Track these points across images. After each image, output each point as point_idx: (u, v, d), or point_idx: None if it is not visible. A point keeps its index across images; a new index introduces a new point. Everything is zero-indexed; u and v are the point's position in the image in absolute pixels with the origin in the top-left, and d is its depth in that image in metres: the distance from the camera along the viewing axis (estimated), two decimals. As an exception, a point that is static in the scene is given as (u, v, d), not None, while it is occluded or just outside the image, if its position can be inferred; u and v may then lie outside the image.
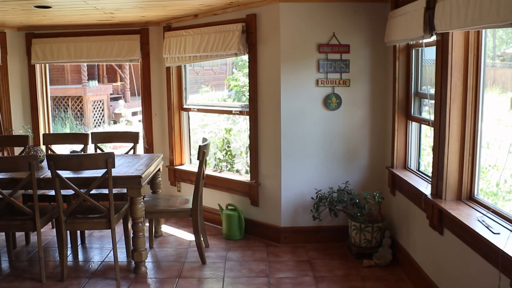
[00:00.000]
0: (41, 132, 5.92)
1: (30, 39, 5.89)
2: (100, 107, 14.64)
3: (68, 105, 13.91)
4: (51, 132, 6.23)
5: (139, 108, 15.62)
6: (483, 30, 3.04)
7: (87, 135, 5.18)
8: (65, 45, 5.80)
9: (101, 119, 14.43)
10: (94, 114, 14.28)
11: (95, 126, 14.12)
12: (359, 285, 3.85)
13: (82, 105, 13.74)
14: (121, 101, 15.59)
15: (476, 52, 3.12)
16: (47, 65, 6.16)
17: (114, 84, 16.82)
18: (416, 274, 3.79)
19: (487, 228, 2.67)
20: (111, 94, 15.65)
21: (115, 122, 14.62)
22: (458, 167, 3.23)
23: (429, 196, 3.41)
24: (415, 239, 3.88)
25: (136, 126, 13.39)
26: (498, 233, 2.57)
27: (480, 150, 3.18)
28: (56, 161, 3.70)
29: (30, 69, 5.94)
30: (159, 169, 4.87)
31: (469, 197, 3.23)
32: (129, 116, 14.74)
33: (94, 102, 14.32)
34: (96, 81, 15.18)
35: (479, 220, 2.80)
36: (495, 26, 2.43)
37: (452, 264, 3.16)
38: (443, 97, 3.24)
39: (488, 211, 2.93)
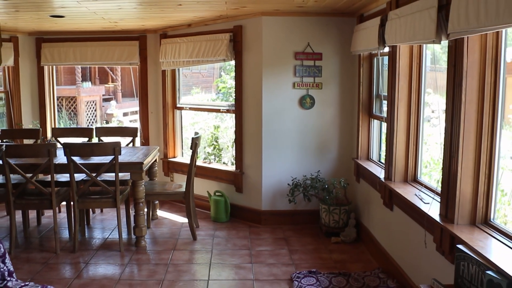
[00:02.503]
0: (48, 126, 6.54)
1: (40, 43, 6.50)
2: (93, 108, 15.17)
3: (62, 105, 14.39)
4: (56, 127, 6.84)
5: (130, 109, 16.25)
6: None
7: (92, 129, 5.82)
8: (72, 49, 6.43)
9: (94, 119, 14.96)
10: (88, 114, 14.81)
11: (87, 126, 14.64)
12: (326, 257, 4.53)
13: (76, 105, 14.26)
14: (113, 102, 16.12)
15: (418, 61, 3.84)
16: (54, 67, 6.78)
17: (106, 85, 17.35)
18: (374, 247, 4.49)
19: (421, 200, 3.38)
20: (103, 95, 16.18)
21: (107, 122, 15.15)
22: (404, 154, 3.94)
23: (382, 179, 4.12)
24: (374, 217, 4.59)
25: (128, 126, 13.96)
26: (428, 203, 3.28)
27: (422, 141, 3.89)
28: (72, 149, 4.34)
29: (39, 71, 6.56)
30: (155, 160, 5.52)
31: (413, 179, 3.94)
32: (121, 116, 15.29)
33: (87, 103, 14.84)
34: (90, 83, 15.70)
35: (416, 195, 3.51)
36: (423, 42, 3.13)
37: (398, 232, 3.87)
38: (393, 98, 3.95)
39: (423, 188, 3.64)
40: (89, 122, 14.88)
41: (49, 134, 6.46)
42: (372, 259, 4.45)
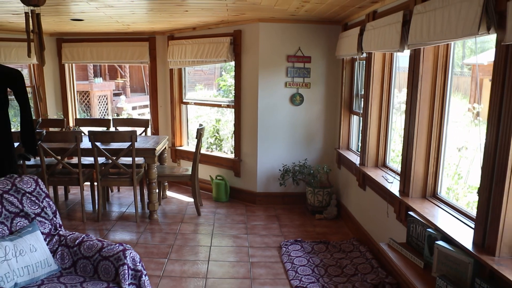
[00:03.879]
0: (70, 117, 7.02)
1: (61, 43, 6.97)
2: (105, 101, 15.61)
3: (76, 99, 14.81)
4: (76, 117, 7.31)
5: (138, 103, 16.71)
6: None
7: (109, 120, 6.29)
8: (89, 49, 6.89)
9: (105, 112, 15.40)
10: (100, 107, 15.25)
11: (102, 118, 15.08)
12: (311, 230, 5.04)
13: (89, 99, 14.71)
14: (123, 97, 16.57)
15: (389, 65, 4.33)
16: (74, 64, 7.25)
17: (116, 81, 17.78)
18: (350, 222, 5.01)
19: (386, 180, 3.89)
20: (113, 90, 16.62)
21: (117, 115, 15.59)
22: (376, 144, 4.45)
23: (358, 165, 4.63)
24: (351, 197, 5.11)
25: (140, 117, 14.41)
26: (391, 182, 3.79)
27: (391, 132, 4.40)
28: (96, 135, 4.83)
29: (61, 68, 7.02)
30: (165, 147, 6.01)
31: (382, 165, 4.45)
32: (130, 110, 15.74)
33: (99, 97, 15.29)
34: (101, 78, 16.14)
35: (382, 176, 4.02)
36: (390, 51, 3.63)
37: (368, 208, 4.39)
38: (367, 96, 4.45)
39: (389, 171, 4.15)
40: (102, 115, 15.33)
41: (71, 124, 6.94)
42: (349, 231, 4.97)
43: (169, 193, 6.39)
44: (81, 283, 2.47)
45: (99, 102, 15.32)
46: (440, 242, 2.61)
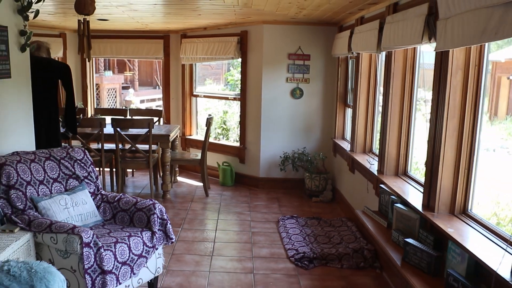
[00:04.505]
0: (89, 107, 7.94)
1: (82, 39, 7.86)
2: (114, 94, 16.56)
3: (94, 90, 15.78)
4: (95, 107, 8.24)
5: (146, 97, 17.64)
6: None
7: (126, 110, 7.20)
8: (109, 44, 7.81)
9: (114, 105, 16.35)
10: (108, 100, 16.20)
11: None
12: (307, 210, 5.91)
13: (99, 91, 15.66)
14: (131, 90, 17.52)
15: (375, 64, 5.18)
16: (94, 58, 8.16)
17: (125, 73, 18.73)
18: (343, 203, 5.87)
19: (368, 162, 4.75)
20: (122, 83, 17.56)
21: (125, 108, 16.53)
22: (364, 132, 5.31)
23: (348, 151, 5.50)
24: (344, 181, 5.97)
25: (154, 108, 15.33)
26: (372, 164, 4.65)
27: (377, 122, 5.25)
28: (117, 122, 5.72)
29: (82, 62, 7.94)
30: (177, 135, 6.91)
31: (369, 151, 5.31)
32: (138, 103, 16.67)
33: (108, 90, 16.23)
34: (111, 72, 17.08)
35: (366, 160, 4.89)
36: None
37: (356, 188, 5.26)
38: (356, 91, 5.31)
39: (373, 155, 5.02)
40: (110, 107, 16.26)
41: (90, 113, 7.86)
42: (341, 212, 5.84)
43: (179, 178, 7.29)
44: (121, 229, 3.36)
45: (108, 95, 16.27)
46: (398, 205, 3.48)
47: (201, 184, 6.72)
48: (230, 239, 4.84)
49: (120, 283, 3.10)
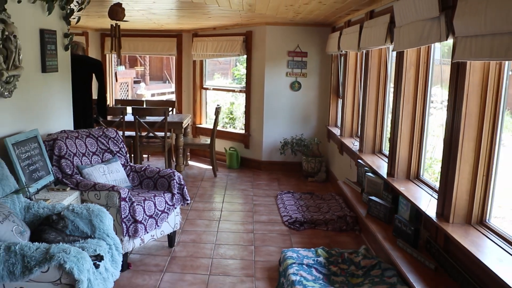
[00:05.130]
0: (108, 98, 8.86)
1: (104, 37, 8.80)
2: (126, 88, 17.50)
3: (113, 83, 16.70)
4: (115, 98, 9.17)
5: (157, 91, 18.55)
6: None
7: (143, 101, 8.12)
8: (127, 42, 8.70)
9: (126, 98, 17.29)
10: (121, 94, 17.13)
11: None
12: (303, 187, 6.79)
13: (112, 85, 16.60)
14: (142, 84, 18.46)
15: (361, 61, 6.03)
16: (113, 55, 9.09)
17: (136, 68, 19.66)
18: (334, 182, 6.74)
19: (352, 144, 5.63)
20: (134, 77, 18.49)
21: (137, 101, 17.44)
22: (351, 119, 6.17)
23: (338, 135, 6.37)
24: (335, 163, 6.85)
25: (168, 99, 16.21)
26: (356, 145, 5.52)
27: (363, 111, 6.10)
28: (137, 110, 6.63)
29: (103, 58, 8.86)
30: (188, 123, 7.81)
31: (356, 135, 6.17)
32: (149, 97, 17.59)
33: (121, 84, 17.17)
34: (123, 66, 18.02)
35: (351, 142, 5.76)
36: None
37: (343, 167, 6.14)
38: (344, 83, 6.18)
39: (358, 138, 5.89)
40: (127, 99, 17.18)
41: (111, 103, 8.78)
42: (332, 190, 6.71)
43: (190, 162, 8.20)
44: (147, 191, 4.27)
45: (121, 89, 17.22)
46: (369, 174, 4.36)
47: (210, 167, 7.63)
48: (235, 208, 5.75)
49: (147, 232, 4.01)
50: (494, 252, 2.50)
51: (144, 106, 8.07)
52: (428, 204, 3.20)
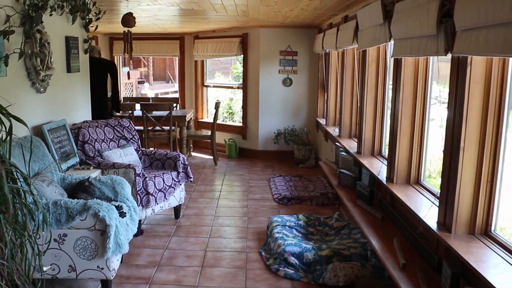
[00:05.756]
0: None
1: (112, 41, 9.68)
2: (130, 88, 18.38)
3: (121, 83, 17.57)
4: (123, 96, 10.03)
5: (160, 90, 19.43)
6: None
7: (150, 98, 8.98)
8: (135, 45, 9.52)
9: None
10: (125, 94, 18.01)
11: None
12: (294, 172, 7.62)
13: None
14: (146, 84, 19.35)
15: (341, 59, 6.87)
16: (121, 57, 9.96)
17: (140, 69, 20.55)
18: (322, 167, 7.58)
19: (334, 131, 6.47)
20: (138, 78, 19.38)
21: (143, 100, 18.32)
22: (334, 110, 7.02)
23: (323, 125, 7.21)
24: (322, 150, 7.70)
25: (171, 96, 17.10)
26: (336, 132, 6.36)
27: (343, 102, 6.94)
28: (145, 106, 7.49)
29: (111, 59, 9.73)
30: (191, 118, 8.67)
31: (338, 124, 7.00)
32: (152, 96, 18.47)
33: (125, 84, 18.05)
34: (128, 67, 18.90)
35: (334, 130, 6.60)
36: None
37: (328, 152, 6.98)
38: (327, 79, 7.02)
39: (338, 126, 6.73)
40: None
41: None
42: (320, 174, 7.55)
43: (193, 153, 9.06)
44: (156, 171, 5.13)
45: (125, 89, 18.11)
46: (343, 153, 5.21)
47: (211, 157, 8.48)
48: (232, 190, 6.61)
49: (157, 203, 4.87)
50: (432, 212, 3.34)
51: (150, 102, 8.93)
52: (379, 170, 4.05)
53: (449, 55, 2.64)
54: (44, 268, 3.20)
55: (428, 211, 3.02)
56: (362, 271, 3.63)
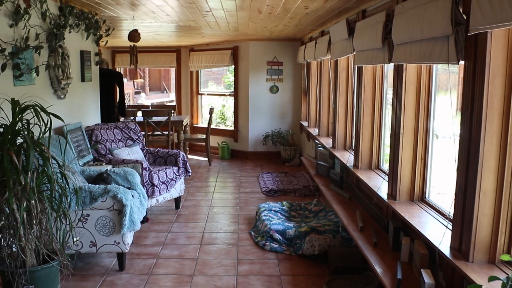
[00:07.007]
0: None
1: (114, 54, 10.36)
2: (128, 98, 19.00)
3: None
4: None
5: (156, 100, 20.10)
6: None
7: (149, 105, 9.65)
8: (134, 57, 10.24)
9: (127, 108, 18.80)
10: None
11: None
12: (281, 169, 8.31)
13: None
14: (143, 94, 20.01)
15: (320, 68, 7.59)
16: (122, 68, 10.63)
17: (136, 80, 21.23)
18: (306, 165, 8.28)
19: (314, 131, 7.18)
20: (134, 88, 20.03)
21: (140, 109, 18.96)
22: (315, 113, 7.73)
23: (306, 126, 7.92)
24: (305, 149, 8.40)
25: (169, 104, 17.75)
26: (316, 132, 7.06)
27: (321, 105, 7.66)
28: (146, 112, 8.17)
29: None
30: (187, 123, 9.35)
31: (318, 125, 7.71)
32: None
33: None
34: (126, 79, 19.55)
35: (314, 130, 7.31)
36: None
37: (310, 150, 7.68)
38: (308, 86, 7.74)
39: (317, 126, 7.44)
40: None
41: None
42: (303, 171, 8.25)
43: (189, 156, 9.73)
44: (160, 166, 5.81)
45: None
46: (320, 148, 5.91)
47: (206, 158, 9.15)
48: (225, 185, 7.30)
49: (161, 194, 5.54)
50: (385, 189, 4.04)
51: (150, 107, 9.61)
52: (348, 160, 4.76)
53: (392, 64, 3.36)
54: (75, 239, 3.87)
55: (380, 185, 3.72)
56: (333, 241, 4.32)
